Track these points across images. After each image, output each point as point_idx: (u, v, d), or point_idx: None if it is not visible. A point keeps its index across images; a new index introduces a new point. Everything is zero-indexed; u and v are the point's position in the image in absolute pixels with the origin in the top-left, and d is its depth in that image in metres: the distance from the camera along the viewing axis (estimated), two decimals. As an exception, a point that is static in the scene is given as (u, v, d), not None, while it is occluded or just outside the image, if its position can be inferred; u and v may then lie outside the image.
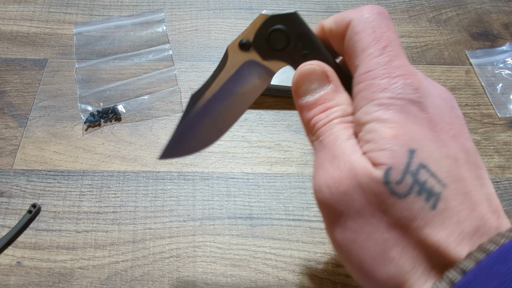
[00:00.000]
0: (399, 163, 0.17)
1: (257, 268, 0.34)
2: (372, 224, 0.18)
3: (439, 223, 0.17)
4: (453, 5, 0.53)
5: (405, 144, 0.18)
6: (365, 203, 0.18)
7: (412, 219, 0.17)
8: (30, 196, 0.37)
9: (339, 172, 0.19)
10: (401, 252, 0.17)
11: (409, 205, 0.17)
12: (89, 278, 0.33)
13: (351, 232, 0.19)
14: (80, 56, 0.46)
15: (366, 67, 0.19)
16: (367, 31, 0.20)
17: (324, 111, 0.21)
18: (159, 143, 0.40)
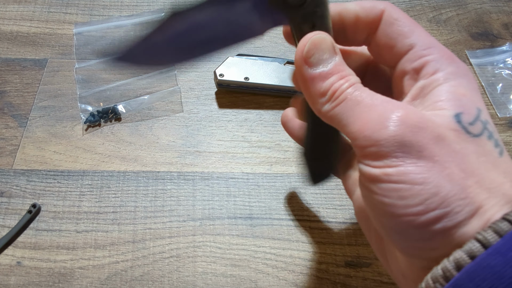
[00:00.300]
0: (471, 112, 0.19)
1: (257, 268, 0.34)
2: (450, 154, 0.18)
3: (507, 170, 0.18)
4: (453, 5, 0.53)
5: (474, 102, 0.19)
6: (437, 136, 0.18)
7: (484, 155, 0.18)
8: (30, 196, 0.37)
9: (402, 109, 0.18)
10: (479, 182, 0.17)
11: (483, 144, 0.18)
12: (89, 278, 0.33)
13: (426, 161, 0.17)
14: (80, 56, 0.46)
15: (425, 43, 0.21)
16: (405, 17, 0.21)
17: (343, 78, 0.20)
18: (159, 143, 0.40)
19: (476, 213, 0.17)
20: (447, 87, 0.19)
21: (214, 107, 0.43)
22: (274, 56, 0.46)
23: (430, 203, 0.17)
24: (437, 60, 0.20)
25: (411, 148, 0.17)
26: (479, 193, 0.17)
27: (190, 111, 0.42)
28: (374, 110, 0.19)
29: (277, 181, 0.38)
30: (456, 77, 0.20)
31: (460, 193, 0.17)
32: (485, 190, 0.17)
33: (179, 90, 0.44)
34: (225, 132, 0.41)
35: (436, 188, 0.17)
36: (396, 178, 0.18)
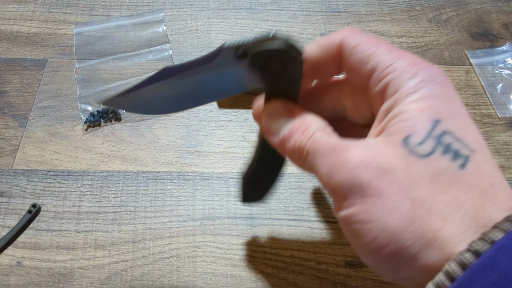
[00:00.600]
0: (421, 129, 0.18)
1: (257, 268, 0.34)
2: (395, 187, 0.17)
3: (470, 183, 0.17)
4: (453, 5, 0.53)
5: (430, 116, 0.18)
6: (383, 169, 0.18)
7: (438, 176, 0.17)
8: (30, 196, 0.37)
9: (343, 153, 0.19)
10: (430, 210, 0.17)
11: (434, 163, 0.18)
12: (89, 278, 0.33)
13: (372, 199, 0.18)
14: (80, 56, 0.46)
15: (384, 63, 0.20)
16: (363, 41, 0.21)
17: (303, 133, 0.21)
18: (159, 143, 0.40)
19: (431, 245, 0.16)
20: (404, 105, 0.19)
21: (214, 107, 0.43)
22: (274, 56, 0.46)
23: (380, 240, 0.17)
24: (398, 77, 0.20)
25: (358, 189, 0.18)
26: (431, 222, 0.17)
27: (190, 111, 0.42)
28: (328, 158, 0.20)
29: (277, 181, 0.38)
30: (418, 88, 0.19)
31: (408, 225, 0.17)
32: (438, 217, 0.17)
33: (179, 90, 0.44)
34: (225, 132, 0.41)
35: (383, 224, 0.17)
36: (350, 220, 0.18)
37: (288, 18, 0.51)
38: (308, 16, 0.51)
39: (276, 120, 0.23)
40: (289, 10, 0.51)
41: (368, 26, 0.50)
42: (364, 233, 0.18)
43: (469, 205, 0.17)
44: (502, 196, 0.17)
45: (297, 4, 0.52)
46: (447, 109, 0.19)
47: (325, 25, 0.50)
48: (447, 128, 0.18)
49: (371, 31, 0.50)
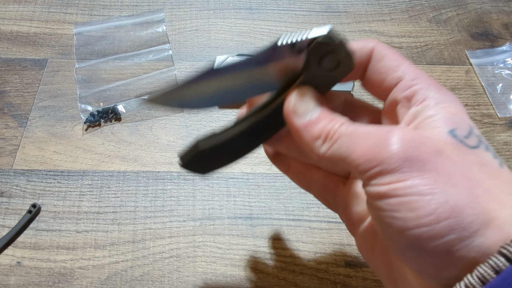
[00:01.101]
0: (464, 127, 0.19)
1: (257, 268, 0.34)
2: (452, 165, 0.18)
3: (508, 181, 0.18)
4: (453, 5, 0.53)
5: (465, 120, 0.20)
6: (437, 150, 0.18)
7: (485, 165, 0.18)
8: (30, 196, 0.37)
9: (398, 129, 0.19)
10: (487, 191, 0.17)
11: (482, 155, 0.19)
12: (89, 278, 0.33)
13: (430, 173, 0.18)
14: (80, 56, 0.46)
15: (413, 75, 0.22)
16: (392, 53, 0.23)
17: (332, 120, 0.21)
18: (159, 143, 0.40)
19: (490, 224, 0.17)
20: (438, 109, 0.20)
21: (214, 107, 0.43)
22: (274, 56, 0.46)
23: (441, 212, 0.17)
24: (426, 88, 0.21)
25: (414, 163, 0.18)
26: (489, 202, 0.17)
27: (190, 111, 0.42)
28: (372, 136, 0.19)
29: (277, 181, 0.38)
30: (445, 101, 0.21)
31: (470, 202, 0.17)
32: (494, 199, 0.17)
33: (179, 90, 0.44)
34: (225, 132, 0.41)
35: (445, 197, 0.17)
36: (403, 192, 0.18)
37: (288, 18, 0.51)
38: (308, 16, 0.51)
39: (305, 102, 0.23)
40: (289, 10, 0.51)
41: (368, 26, 0.50)
42: (422, 205, 0.17)
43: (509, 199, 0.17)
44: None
45: (297, 4, 0.52)
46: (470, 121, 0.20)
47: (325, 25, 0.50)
48: (480, 134, 0.20)
49: (371, 31, 0.50)
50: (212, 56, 0.47)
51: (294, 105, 0.23)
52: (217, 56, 0.46)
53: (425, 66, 0.47)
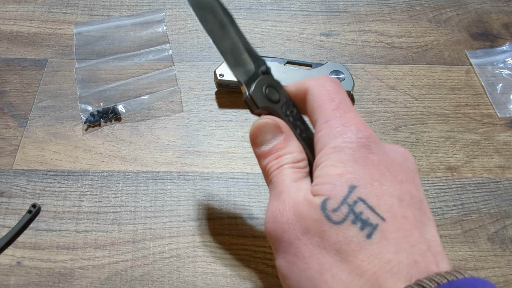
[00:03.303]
0: (337, 195, 0.20)
1: (257, 268, 0.34)
2: (310, 249, 0.20)
3: (374, 252, 0.18)
4: (453, 5, 0.53)
5: (347, 181, 0.20)
6: (305, 229, 0.20)
7: (346, 244, 0.19)
8: (30, 196, 0.37)
9: (283, 205, 0.22)
10: (335, 276, 0.18)
11: (344, 232, 0.19)
12: (89, 278, 0.33)
13: (291, 256, 0.20)
14: (80, 56, 0.46)
15: (324, 118, 0.23)
16: (322, 93, 0.24)
17: (276, 159, 0.24)
18: (159, 143, 0.40)
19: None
20: (326, 167, 0.21)
21: (214, 107, 0.43)
22: (274, 56, 0.46)
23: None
24: (327, 135, 0.22)
25: (281, 244, 0.21)
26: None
27: (190, 111, 0.42)
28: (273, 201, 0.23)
29: (277, 181, 0.38)
30: (340, 150, 0.21)
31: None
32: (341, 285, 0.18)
33: (179, 90, 0.44)
34: (225, 132, 0.41)
35: (297, 283, 0.20)
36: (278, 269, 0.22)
37: (288, 18, 0.51)
38: (308, 16, 0.51)
39: (262, 133, 0.25)
40: (289, 10, 0.51)
41: (368, 26, 0.50)
42: (286, 284, 0.21)
43: (370, 274, 0.18)
44: (403, 265, 0.18)
45: (297, 4, 0.52)
46: (365, 175, 0.20)
47: (325, 25, 0.50)
48: (361, 195, 0.19)
49: (371, 31, 0.50)
50: (212, 56, 0.47)
51: (252, 134, 0.25)
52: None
53: (425, 66, 0.47)
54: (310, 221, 0.20)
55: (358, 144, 0.21)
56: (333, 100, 0.23)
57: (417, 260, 0.18)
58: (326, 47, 0.48)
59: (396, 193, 0.20)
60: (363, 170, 0.20)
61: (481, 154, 0.41)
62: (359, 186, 0.19)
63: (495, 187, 0.39)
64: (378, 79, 0.45)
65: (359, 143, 0.21)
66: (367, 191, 0.19)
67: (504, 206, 0.37)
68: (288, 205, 0.21)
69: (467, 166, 0.40)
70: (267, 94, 0.25)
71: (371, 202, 0.19)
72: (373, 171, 0.20)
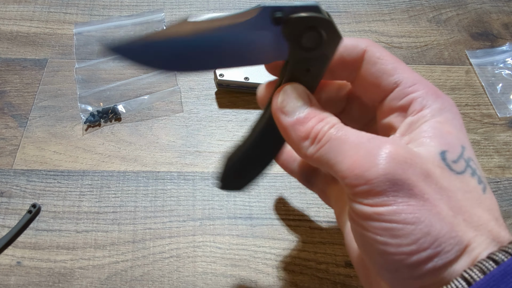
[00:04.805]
0: (455, 150, 0.19)
1: (257, 268, 0.34)
2: (438, 191, 0.18)
3: (490, 208, 0.19)
4: (453, 5, 0.53)
5: (459, 139, 0.20)
6: (426, 173, 0.18)
7: (469, 192, 0.19)
8: (30, 196, 0.37)
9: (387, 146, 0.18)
10: (465, 220, 0.18)
11: (466, 181, 0.19)
12: (89, 278, 0.33)
13: (416, 199, 0.18)
14: (80, 56, 0.46)
15: (410, 80, 0.21)
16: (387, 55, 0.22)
17: (322, 121, 0.21)
18: (159, 143, 0.40)
19: (464, 251, 0.17)
20: (433, 123, 0.20)
21: (214, 107, 0.43)
22: (274, 56, 0.46)
23: (422, 243, 0.17)
24: (423, 96, 0.21)
25: (401, 187, 0.18)
26: (467, 231, 0.18)
27: (190, 111, 0.42)
28: (362, 147, 0.19)
29: (277, 181, 0.38)
30: (442, 112, 0.20)
31: (450, 232, 0.17)
32: (472, 228, 0.18)
33: (179, 90, 0.44)
34: (225, 132, 0.41)
35: (427, 227, 0.17)
36: (388, 218, 0.18)
37: (288, 18, 0.50)
38: (308, 16, 0.51)
39: (293, 100, 0.21)
40: (289, 10, 0.51)
41: (368, 26, 0.50)
42: (405, 233, 0.17)
43: (492, 224, 0.18)
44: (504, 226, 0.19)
45: (297, 4, 0.52)
46: (466, 139, 0.20)
47: (325, 25, 0.50)
48: (470, 156, 0.20)
49: (371, 31, 0.50)
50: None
51: (281, 102, 0.22)
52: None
53: (425, 66, 0.47)
54: (430, 165, 0.18)
55: (453, 108, 0.21)
56: (400, 61, 0.22)
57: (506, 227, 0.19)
58: (326, 47, 0.48)
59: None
60: (464, 134, 0.21)
61: (481, 154, 0.41)
62: (466, 147, 0.20)
63: (495, 187, 0.39)
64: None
65: (454, 110, 0.21)
66: (471, 154, 0.20)
67: (504, 206, 0.37)
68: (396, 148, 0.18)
69: (467, 166, 0.40)
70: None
71: (477, 164, 0.20)
72: (467, 137, 0.21)
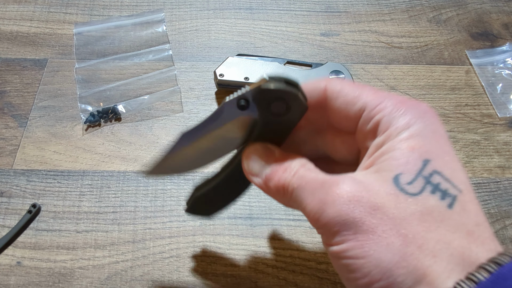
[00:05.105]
0: (411, 169, 0.19)
1: (257, 268, 0.34)
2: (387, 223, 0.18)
3: (458, 223, 0.18)
4: (453, 5, 0.53)
5: (421, 155, 0.19)
6: (376, 204, 0.18)
7: (428, 214, 0.18)
8: (30, 196, 0.37)
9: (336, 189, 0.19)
10: (421, 246, 0.17)
11: (424, 201, 0.18)
12: (89, 278, 0.33)
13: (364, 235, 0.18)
14: (80, 56, 0.46)
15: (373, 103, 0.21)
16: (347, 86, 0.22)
17: (285, 170, 0.22)
18: (159, 143, 0.40)
19: (422, 281, 0.17)
20: (396, 142, 0.20)
21: (214, 107, 0.43)
22: (274, 56, 0.46)
23: (374, 275, 0.18)
24: (388, 114, 0.21)
25: (350, 225, 0.18)
26: (422, 259, 0.17)
27: (190, 111, 0.42)
28: (316, 194, 0.20)
29: (277, 181, 0.38)
30: (410, 125, 0.20)
31: (401, 261, 0.17)
32: (429, 254, 0.17)
33: (179, 90, 0.44)
34: (225, 132, 0.41)
35: (376, 260, 0.18)
36: (343, 255, 0.19)
37: (288, 18, 0.51)
38: (308, 16, 0.51)
39: (257, 161, 0.24)
40: (289, 10, 0.51)
41: (368, 26, 0.50)
42: (357, 268, 0.18)
43: (457, 244, 0.17)
44: (486, 236, 0.18)
45: (297, 4, 0.52)
46: (436, 148, 0.19)
47: (325, 25, 0.50)
48: (436, 168, 0.19)
49: (371, 31, 0.50)
50: (212, 56, 0.47)
51: (247, 167, 0.24)
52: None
53: (425, 66, 0.47)
54: (381, 195, 0.18)
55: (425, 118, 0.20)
56: (363, 86, 0.22)
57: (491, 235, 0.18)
58: (326, 47, 0.48)
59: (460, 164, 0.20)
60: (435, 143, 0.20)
61: (481, 154, 0.41)
62: (432, 159, 0.19)
63: (495, 187, 0.39)
64: (378, 79, 0.45)
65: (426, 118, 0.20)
66: (441, 164, 0.19)
67: (504, 206, 0.37)
68: (343, 188, 0.19)
69: (467, 166, 0.40)
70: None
71: (447, 174, 0.19)
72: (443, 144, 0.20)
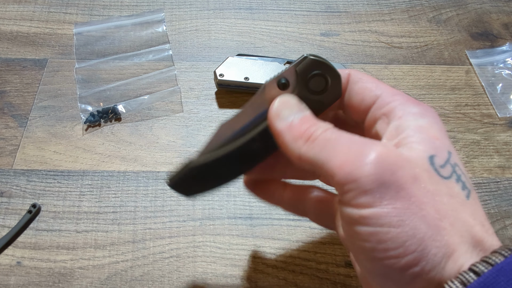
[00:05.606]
0: (442, 155, 0.20)
1: (257, 268, 0.34)
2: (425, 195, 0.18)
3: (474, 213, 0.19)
4: (453, 5, 0.53)
5: (444, 144, 0.20)
6: (414, 175, 0.18)
7: (454, 197, 0.19)
8: (30, 196, 0.37)
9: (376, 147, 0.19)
10: (451, 224, 0.18)
11: (452, 186, 0.19)
12: (89, 278, 0.33)
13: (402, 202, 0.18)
14: (80, 56, 0.46)
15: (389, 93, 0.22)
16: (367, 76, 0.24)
17: (315, 125, 0.21)
18: (159, 143, 0.40)
19: (451, 257, 0.17)
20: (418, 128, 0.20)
21: (214, 107, 0.43)
22: (274, 56, 0.46)
23: (408, 246, 0.17)
24: (403, 103, 0.22)
25: (389, 188, 0.18)
26: (452, 236, 0.18)
27: (190, 111, 0.42)
28: (353, 148, 0.19)
29: (277, 181, 0.38)
30: (424, 117, 0.21)
31: (435, 235, 0.17)
32: (457, 233, 0.18)
33: (179, 90, 0.44)
34: (225, 132, 0.41)
35: (413, 230, 0.17)
36: (373, 221, 0.18)
37: (288, 18, 0.51)
38: (308, 16, 0.51)
39: (288, 107, 0.22)
40: (289, 10, 0.51)
41: (368, 26, 0.50)
42: (390, 237, 0.17)
43: (477, 229, 0.18)
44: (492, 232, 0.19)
45: (297, 4, 0.52)
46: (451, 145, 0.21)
47: (325, 25, 0.50)
48: (456, 162, 0.20)
49: (371, 31, 0.50)
50: (212, 56, 0.47)
51: (277, 108, 0.23)
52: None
53: (425, 66, 0.47)
54: (419, 169, 0.19)
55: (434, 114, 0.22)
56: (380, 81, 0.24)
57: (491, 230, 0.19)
58: (326, 47, 0.48)
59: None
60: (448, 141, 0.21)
61: (481, 154, 0.41)
62: (452, 153, 0.20)
63: (495, 187, 0.39)
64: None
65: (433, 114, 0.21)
66: (457, 159, 0.20)
67: (504, 206, 0.37)
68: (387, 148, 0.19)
69: (467, 166, 0.40)
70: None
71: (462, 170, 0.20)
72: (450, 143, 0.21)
